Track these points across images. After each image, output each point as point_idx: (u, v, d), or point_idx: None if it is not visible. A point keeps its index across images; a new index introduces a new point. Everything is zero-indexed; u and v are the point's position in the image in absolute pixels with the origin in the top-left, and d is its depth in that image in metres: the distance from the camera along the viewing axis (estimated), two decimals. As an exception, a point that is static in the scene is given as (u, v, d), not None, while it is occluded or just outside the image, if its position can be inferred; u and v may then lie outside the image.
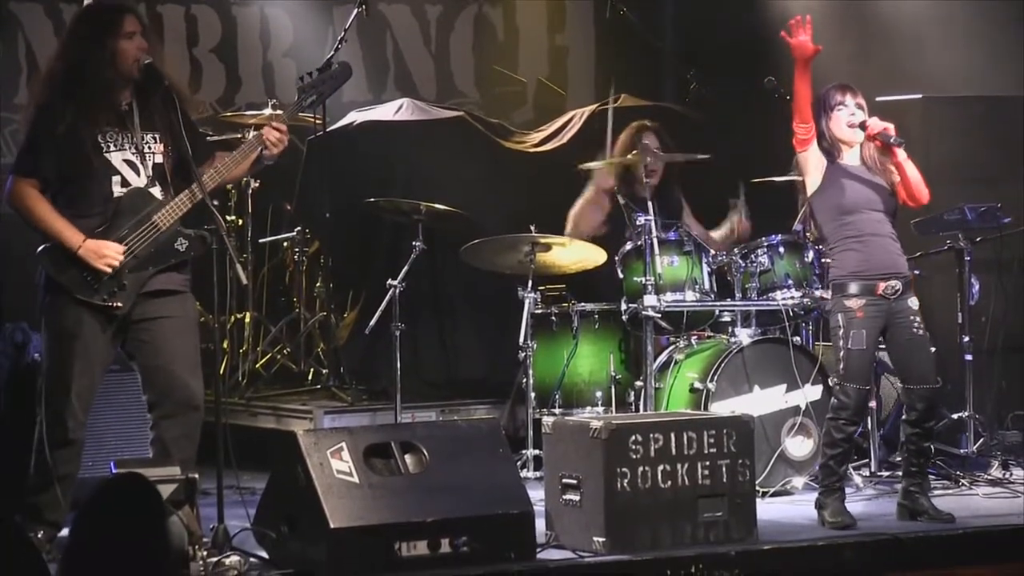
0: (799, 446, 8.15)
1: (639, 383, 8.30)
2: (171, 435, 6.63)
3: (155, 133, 6.72)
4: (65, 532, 6.52)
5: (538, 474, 7.94)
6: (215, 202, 6.88)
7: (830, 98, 7.35)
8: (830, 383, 8.13)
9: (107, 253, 6.57)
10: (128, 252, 6.59)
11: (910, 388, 7.35)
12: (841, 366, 7.24)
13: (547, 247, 8.63)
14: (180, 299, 6.75)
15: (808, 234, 8.46)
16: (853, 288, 7.25)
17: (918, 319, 7.31)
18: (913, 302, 7.33)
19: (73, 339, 6.59)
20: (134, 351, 6.73)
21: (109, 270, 6.56)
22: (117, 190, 6.64)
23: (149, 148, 6.70)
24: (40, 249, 6.65)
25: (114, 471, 6.27)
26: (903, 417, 7.44)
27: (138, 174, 6.67)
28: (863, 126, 7.31)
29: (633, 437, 6.72)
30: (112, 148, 6.64)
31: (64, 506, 6.60)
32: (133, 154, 6.67)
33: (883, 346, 7.54)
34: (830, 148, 7.33)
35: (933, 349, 7.50)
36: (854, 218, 7.26)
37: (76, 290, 6.58)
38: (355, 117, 9.91)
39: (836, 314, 7.27)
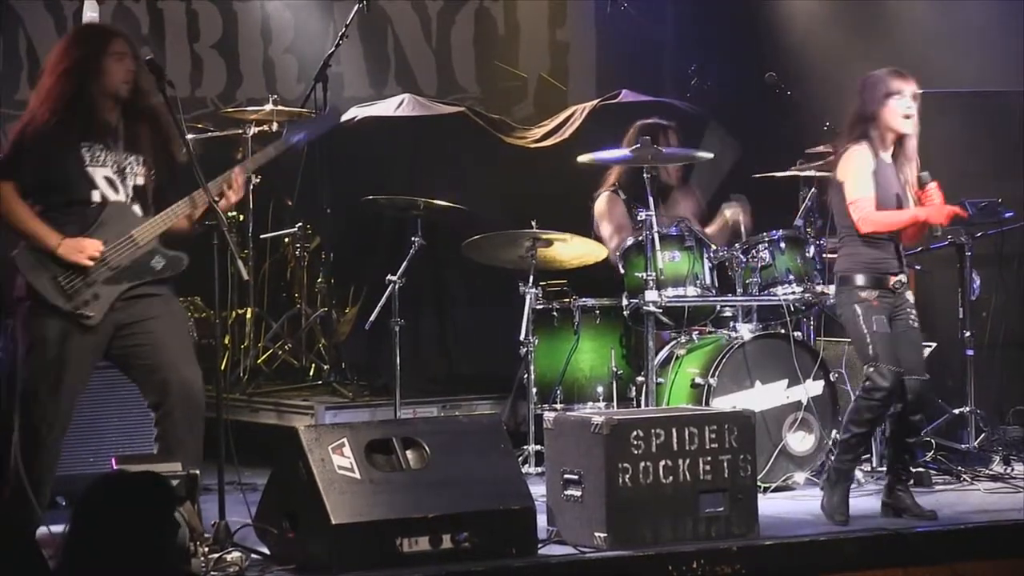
0: (800, 441, 8.15)
1: (640, 378, 8.30)
2: (176, 435, 6.60)
3: (139, 155, 6.70)
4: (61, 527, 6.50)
5: (539, 470, 7.95)
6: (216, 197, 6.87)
7: (889, 84, 7.25)
8: (832, 377, 8.18)
9: (86, 247, 6.54)
10: (103, 261, 6.57)
11: (902, 379, 7.34)
12: (871, 350, 7.18)
13: (548, 243, 8.62)
14: (162, 300, 6.72)
15: (808, 229, 8.46)
16: (867, 280, 7.25)
17: (914, 312, 7.36)
18: (910, 295, 7.38)
19: (50, 347, 6.52)
20: (127, 356, 6.68)
21: (90, 263, 6.51)
22: (95, 203, 6.62)
23: (131, 169, 6.68)
24: (15, 252, 6.60)
25: (115, 467, 6.27)
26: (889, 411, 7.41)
27: (116, 192, 6.65)
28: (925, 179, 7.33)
29: (634, 432, 6.71)
30: (95, 163, 6.63)
31: (41, 508, 6.57)
32: (114, 173, 6.65)
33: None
34: (875, 136, 7.25)
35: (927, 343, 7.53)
36: None
37: (50, 296, 6.52)
38: (356, 113, 9.90)
39: (851, 305, 7.25)
